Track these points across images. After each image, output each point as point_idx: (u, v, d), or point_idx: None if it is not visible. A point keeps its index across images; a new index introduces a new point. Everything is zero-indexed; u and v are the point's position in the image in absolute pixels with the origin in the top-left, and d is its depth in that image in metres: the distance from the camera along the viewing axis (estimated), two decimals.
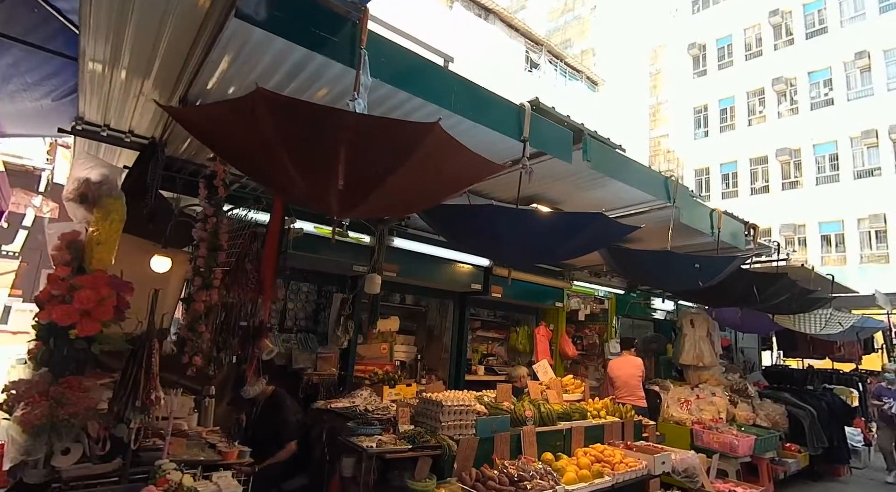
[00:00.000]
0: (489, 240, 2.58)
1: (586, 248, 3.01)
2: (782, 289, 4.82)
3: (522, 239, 2.50)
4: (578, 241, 2.53)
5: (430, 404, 3.86)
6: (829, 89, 21.60)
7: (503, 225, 2.41)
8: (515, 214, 2.39)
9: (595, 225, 2.43)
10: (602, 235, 2.74)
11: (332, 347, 4.95)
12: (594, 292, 7.99)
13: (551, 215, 2.44)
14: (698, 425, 6.03)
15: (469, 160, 1.86)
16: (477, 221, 2.43)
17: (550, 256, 2.64)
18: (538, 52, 18.52)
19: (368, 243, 4.79)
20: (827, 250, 20.67)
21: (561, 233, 2.48)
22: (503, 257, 3.13)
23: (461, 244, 3.49)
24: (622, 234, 2.95)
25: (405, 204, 2.11)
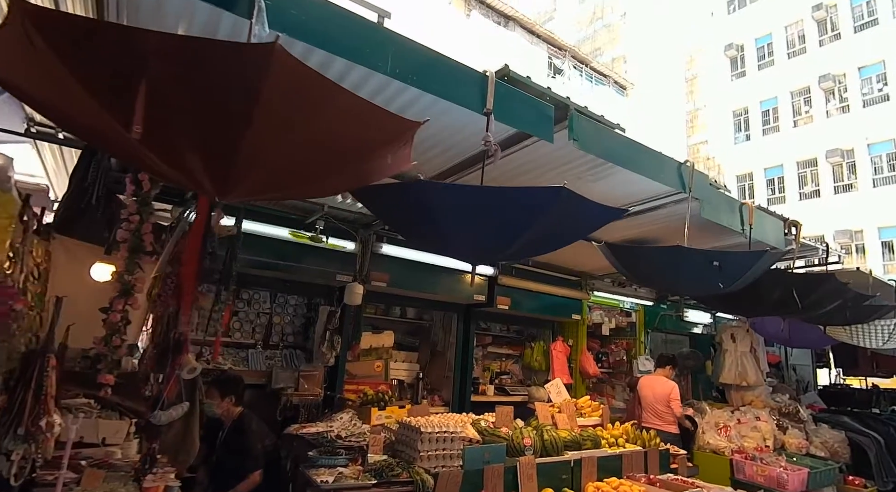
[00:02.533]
0: (432, 227, 2.11)
1: (557, 238, 2.48)
2: (830, 294, 4.07)
3: (469, 225, 2.02)
4: (543, 227, 2.03)
5: (409, 430, 3.37)
6: (882, 84, 20.14)
7: (441, 207, 1.94)
8: (453, 192, 1.91)
9: (559, 204, 1.92)
10: (574, 221, 2.22)
11: (318, 364, 4.56)
12: (619, 304, 7.31)
13: (499, 191, 1.97)
14: (739, 454, 5.24)
15: (370, 116, 1.43)
16: (409, 202, 1.97)
17: (509, 247, 2.14)
18: (562, 58, 18.02)
19: (353, 251, 4.39)
20: (889, 258, 18.99)
21: (517, 216, 1.98)
22: (452, 250, 2.66)
23: (409, 236, 3.02)
24: (601, 218, 2.39)
25: (304, 180, 1.68)
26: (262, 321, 4.82)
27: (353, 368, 5.00)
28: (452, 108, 2.54)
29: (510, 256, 2.72)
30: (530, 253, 2.80)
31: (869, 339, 6.00)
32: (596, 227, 2.49)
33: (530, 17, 16.64)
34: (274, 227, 4.01)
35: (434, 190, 1.79)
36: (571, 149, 2.94)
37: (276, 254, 4.24)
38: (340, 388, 4.69)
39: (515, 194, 1.95)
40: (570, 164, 3.26)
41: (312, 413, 4.34)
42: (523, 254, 2.73)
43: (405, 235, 3.05)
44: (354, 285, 4.13)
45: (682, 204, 3.68)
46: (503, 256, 2.47)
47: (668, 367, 5.96)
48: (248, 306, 4.77)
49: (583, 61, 19.24)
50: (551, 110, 2.58)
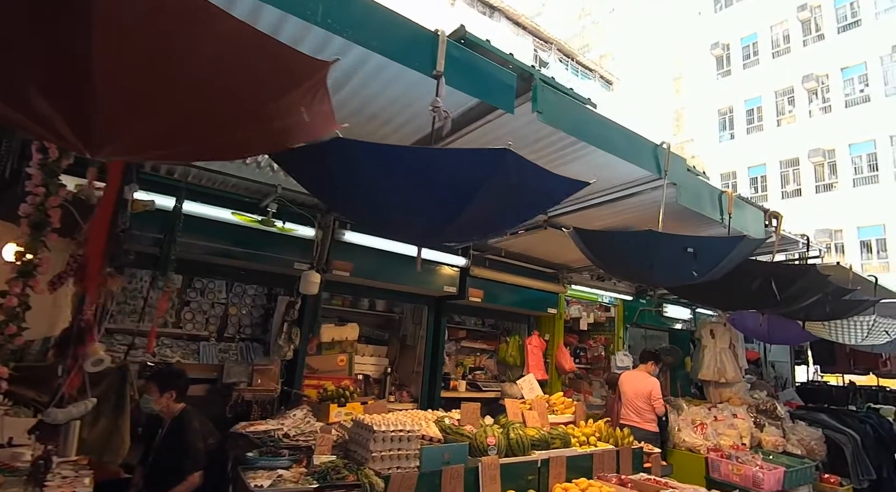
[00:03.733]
0: (363, 200, 1.84)
1: (509, 214, 2.21)
2: (810, 287, 3.90)
3: (403, 196, 1.77)
4: (490, 199, 1.79)
5: (362, 428, 3.13)
6: (864, 85, 20.32)
7: (370, 175, 1.68)
8: (378, 153, 1.65)
9: (505, 170, 1.66)
10: (527, 194, 1.95)
11: (275, 358, 4.28)
12: (597, 298, 7.14)
13: (431, 152, 1.71)
14: (715, 452, 5.09)
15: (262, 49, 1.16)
16: (333, 167, 1.70)
17: (451, 222, 1.87)
18: (547, 51, 17.81)
19: (313, 237, 4.11)
20: (867, 257, 19.20)
21: (457, 184, 1.72)
22: (389, 227, 2.40)
23: (343, 212, 2.72)
24: (559, 191, 2.13)
25: (198, 135, 1.41)
26: (217, 312, 4.53)
27: (314, 362, 4.73)
28: (403, 75, 2.29)
29: (456, 236, 2.47)
30: (480, 232, 2.55)
31: (847, 335, 5.90)
32: (554, 201, 2.25)
33: (520, 12, 16.40)
34: (222, 209, 3.71)
35: (357, 150, 1.53)
36: (539, 125, 2.71)
37: (230, 240, 3.95)
38: (299, 383, 4.42)
39: (451, 157, 1.70)
40: (538, 143, 3.02)
41: (266, 410, 4.07)
42: (472, 233, 2.48)
43: (340, 212, 2.78)
44: (310, 274, 3.86)
45: (660, 191, 3.47)
46: (447, 235, 2.22)
47: (650, 362, 5.80)
48: (202, 296, 4.47)
49: (569, 55, 19.05)
50: (513, 78, 2.34)
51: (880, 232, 18.89)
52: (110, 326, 3.86)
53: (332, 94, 2.52)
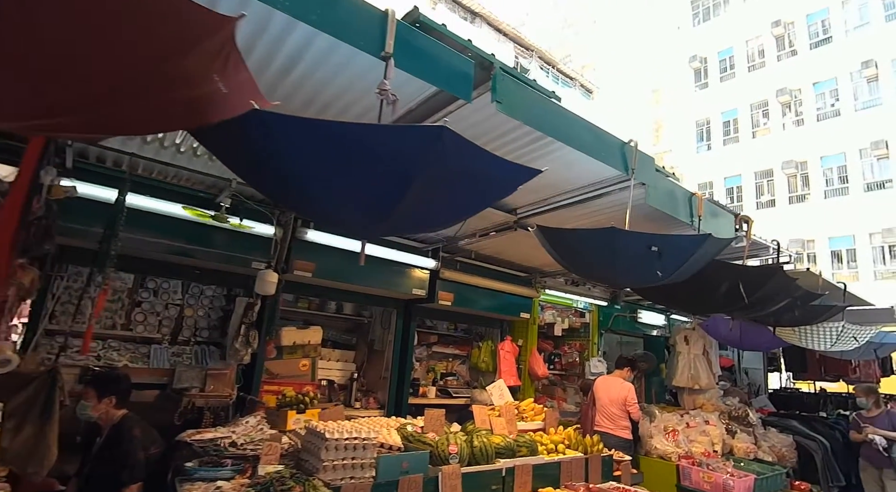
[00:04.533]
0: (294, 183, 1.67)
1: (456, 204, 2.06)
2: (778, 290, 3.87)
3: (335, 179, 1.62)
4: (431, 185, 1.65)
5: (314, 436, 2.95)
6: (835, 100, 20.90)
7: (297, 156, 1.52)
8: (302, 129, 1.49)
9: (444, 152, 1.52)
10: (473, 181, 1.82)
11: (231, 362, 4.07)
12: (572, 304, 7.07)
13: (361, 128, 1.57)
14: (686, 460, 5.02)
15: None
16: (257, 146, 1.54)
17: (390, 211, 1.71)
18: (528, 58, 17.91)
19: (273, 235, 3.93)
20: (838, 267, 19.63)
21: (393, 168, 1.58)
22: (324, 215, 2.24)
23: (274, 198, 2.52)
24: (508, 178, 1.98)
25: (87, 101, 1.25)
26: (172, 314, 4.30)
27: (274, 366, 4.53)
28: (354, 59, 2.17)
29: (401, 227, 2.32)
30: (427, 224, 2.39)
31: (817, 341, 5.92)
32: (505, 190, 2.12)
33: (499, 17, 16.47)
34: (172, 203, 3.52)
35: (277, 125, 1.39)
36: (503, 119, 2.61)
37: (183, 237, 3.74)
38: (257, 389, 4.22)
39: (382, 134, 1.55)
40: (503, 137, 2.92)
41: (220, 417, 3.86)
42: (418, 224, 2.33)
43: (274, 199, 2.60)
44: (267, 273, 3.68)
45: (627, 191, 3.41)
46: (391, 225, 2.07)
47: (626, 369, 5.71)
48: (155, 297, 4.24)
49: (550, 63, 19.19)
50: (471, 66, 2.23)
51: (850, 242, 19.35)
52: (52, 327, 3.63)
53: (279, 79, 2.41)
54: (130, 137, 2.88)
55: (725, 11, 25.16)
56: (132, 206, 3.42)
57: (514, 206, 4.06)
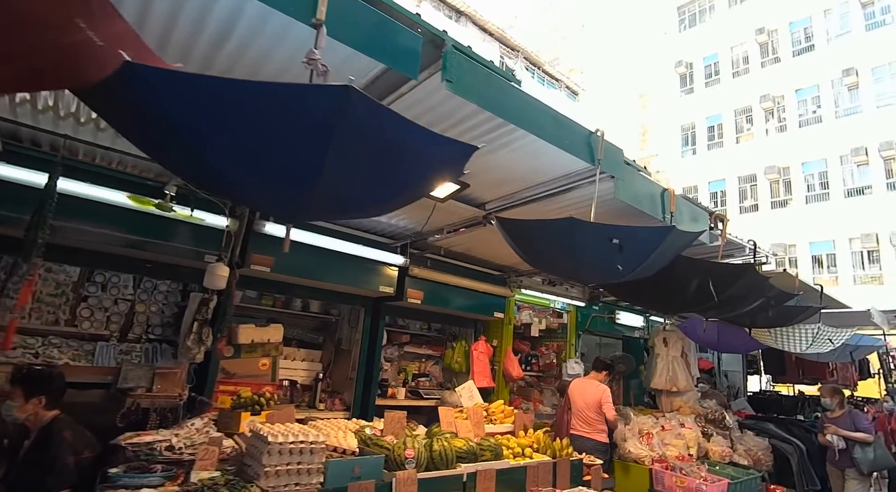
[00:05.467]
0: (182, 148, 1.47)
1: (384, 183, 1.85)
2: (750, 289, 3.76)
3: (242, 152, 1.41)
4: (349, 158, 1.48)
5: (257, 439, 2.76)
6: (817, 107, 21.16)
7: (181, 115, 1.33)
8: (182, 85, 1.29)
9: (356, 118, 1.34)
10: (398, 156, 1.61)
11: (182, 360, 3.86)
12: (549, 304, 6.94)
13: (253, 87, 1.38)
14: (660, 463, 4.91)
15: None
16: (141, 107, 1.35)
17: (306, 189, 1.55)
18: (514, 58, 17.84)
19: (226, 228, 3.73)
20: (819, 271, 19.82)
21: (301, 137, 1.39)
22: (239, 193, 2.01)
23: (169, 167, 2.25)
24: (440, 154, 1.79)
25: None
26: (121, 310, 4.07)
27: (232, 366, 4.32)
28: (291, 29, 2.00)
29: (326, 209, 2.07)
30: (355, 206, 2.17)
31: (792, 343, 5.86)
32: (439, 167, 1.93)
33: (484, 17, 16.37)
34: (116, 191, 3.31)
35: (159, 82, 1.20)
36: (460, 102, 2.46)
37: (129, 227, 3.52)
38: (210, 389, 4.01)
39: (282, 94, 1.37)
40: (462, 123, 2.76)
41: (167, 419, 3.64)
42: (344, 206, 2.10)
43: (181, 175, 2.39)
44: (217, 266, 3.47)
45: (599, 185, 3.28)
46: (313, 207, 1.87)
47: (603, 372, 5.55)
48: (103, 291, 4.02)
49: (535, 64, 19.14)
50: (418, 41, 2.07)
51: (830, 247, 19.57)
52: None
53: (214, 50, 2.22)
54: (62, 117, 2.67)
55: (711, 18, 25.41)
56: (73, 193, 3.23)
57: (483, 200, 3.91)
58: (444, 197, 3.51)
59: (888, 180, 18.49)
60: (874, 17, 20.23)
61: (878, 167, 18.74)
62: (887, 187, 18.44)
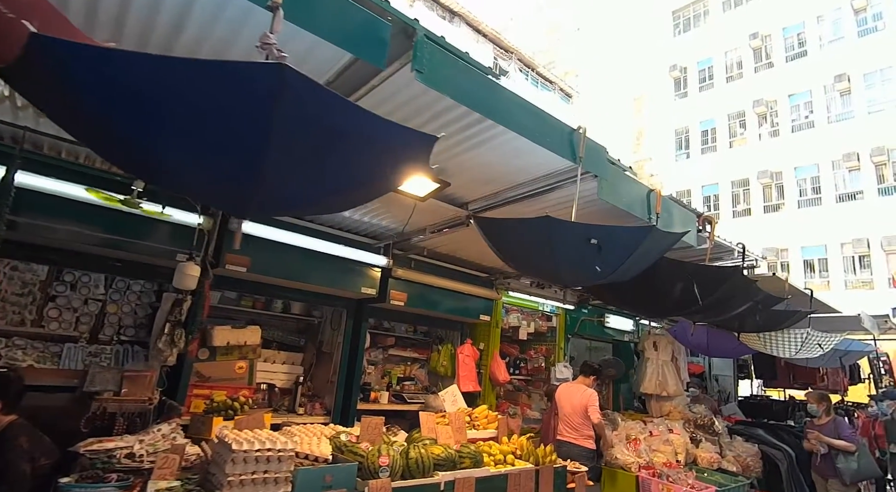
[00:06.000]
0: (109, 132, 1.37)
1: (341, 175, 1.73)
2: (737, 292, 3.68)
3: (181, 134, 1.30)
4: (299, 149, 1.37)
5: (221, 447, 2.64)
6: (809, 112, 21.24)
7: (100, 94, 1.22)
8: (109, 62, 1.17)
9: (297, 101, 1.22)
10: (347, 139, 1.51)
11: (153, 363, 3.73)
12: (538, 307, 6.84)
13: (183, 63, 1.28)
14: (647, 470, 4.81)
15: None
16: (63, 88, 1.22)
17: (250, 177, 1.46)
18: (507, 60, 17.78)
19: (200, 226, 3.61)
20: (811, 276, 19.86)
21: (233, 119, 1.29)
22: (160, 177, 1.84)
23: (103, 153, 2.11)
24: (394, 141, 1.64)
25: None
26: (92, 310, 3.93)
27: (206, 369, 4.19)
28: (252, 15, 1.90)
29: (278, 202, 1.93)
30: (311, 199, 2.01)
31: (781, 348, 5.78)
32: (404, 161, 1.80)
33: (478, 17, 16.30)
34: (75, 185, 3.18)
35: (76, 58, 1.09)
36: (435, 95, 2.36)
37: (101, 225, 3.40)
38: (183, 392, 3.88)
39: (213, 74, 1.26)
40: (439, 118, 2.67)
41: (135, 424, 3.50)
42: (298, 199, 1.94)
43: (115, 163, 2.25)
44: (187, 265, 3.35)
45: (582, 185, 3.18)
46: (263, 199, 1.75)
47: (591, 377, 5.41)
48: (73, 291, 3.88)
49: (529, 65, 19.10)
50: (386, 29, 1.97)
51: (822, 252, 19.61)
52: None
53: (172, 37, 2.12)
54: (19, 107, 2.55)
55: (705, 22, 25.51)
56: (37, 189, 3.11)
57: (466, 200, 3.81)
58: (425, 196, 3.41)
59: (879, 186, 18.56)
60: (866, 24, 20.35)
61: (870, 173, 18.81)
62: (878, 193, 18.50)
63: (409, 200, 3.55)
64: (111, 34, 1.99)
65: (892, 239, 17.47)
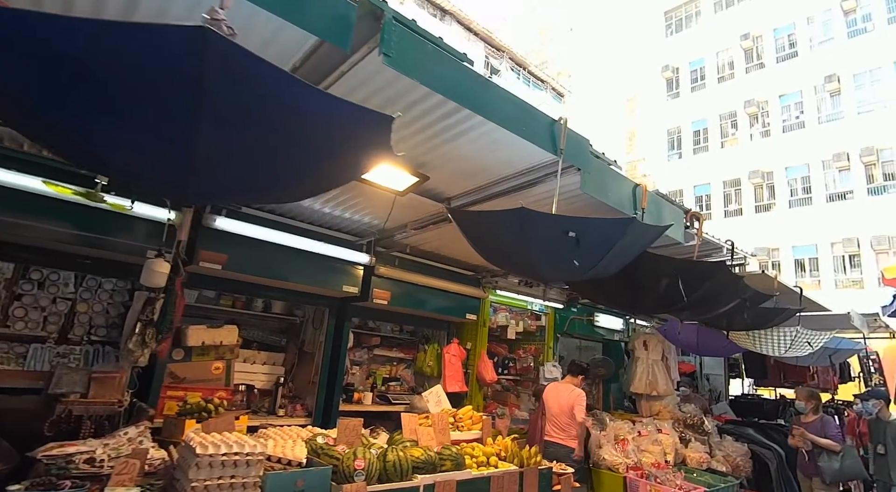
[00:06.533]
0: (26, 108, 1.26)
1: (289, 155, 1.60)
2: (723, 289, 3.60)
3: (107, 112, 1.20)
4: (233, 124, 1.27)
5: (186, 451, 2.53)
6: (800, 112, 21.34)
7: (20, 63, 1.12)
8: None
9: (223, 67, 1.13)
10: (288, 112, 1.38)
11: (124, 364, 3.60)
12: (527, 305, 6.75)
13: (94, 25, 1.17)
14: (635, 471, 4.73)
15: None
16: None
17: (183, 158, 1.36)
18: (499, 59, 17.71)
19: (170, 221, 3.48)
20: (801, 275, 19.92)
21: (161, 87, 1.18)
22: (97, 162, 1.75)
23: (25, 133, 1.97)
24: (343, 117, 1.50)
25: None
26: (61, 309, 3.79)
27: (181, 369, 4.06)
28: None
29: (221, 186, 1.83)
30: (257, 184, 1.94)
31: (770, 346, 5.72)
32: (355, 146, 1.70)
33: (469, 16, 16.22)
34: (36, 179, 3.05)
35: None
36: (410, 83, 2.25)
37: (68, 221, 3.28)
38: (155, 394, 3.75)
39: (128, 37, 1.15)
40: (414, 108, 2.56)
41: (103, 427, 3.37)
42: (242, 183, 1.86)
43: (32, 139, 2.12)
44: (156, 262, 3.22)
45: (566, 178, 3.09)
46: (204, 183, 1.64)
47: (578, 376, 5.31)
48: (40, 289, 3.73)
49: (521, 64, 19.04)
50: (351, 8, 1.86)
51: (813, 251, 19.69)
52: None
53: (122, 12, 2.00)
54: None
55: (697, 23, 25.59)
56: None
57: (447, 195, 3.71)
58: (404, 190, 3.31)
59: (869, 185, 18.66)
60: (856, 25, 20.48)
61: (859, 172, 18.92)
62: (868, 192, 18.61)
63: (389, 194, 3.45)
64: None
65: (881, 238, 17.57)
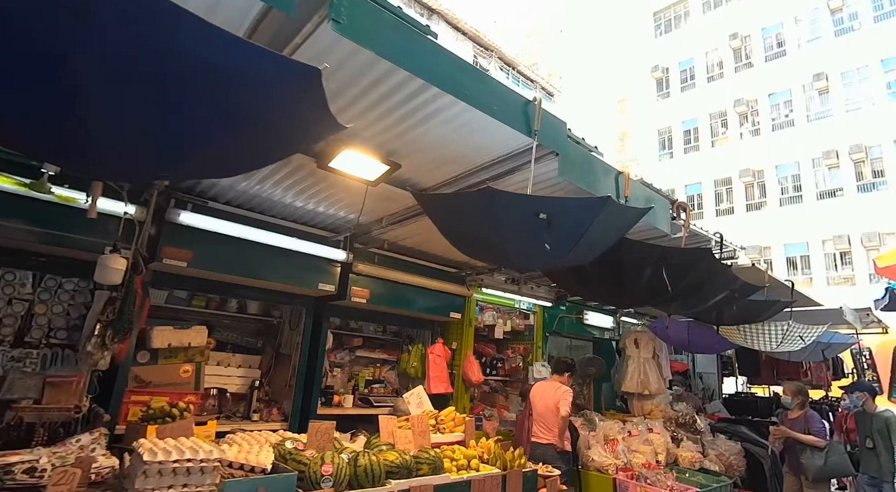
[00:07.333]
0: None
1: (230, 122, 1.44)
2: (710, 278, 3.46)
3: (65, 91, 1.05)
4: (170, 84, 1.11)
5: (134, 458, 2.34)
6: (789, 111, 21.42)
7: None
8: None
9: (136, 16, 1.00)
10: (225, 80, 1.20)
11: (82, 368, 3.40)
12: (514, 304, 6.59)
13: None
14: (625, 472, 4.57)
15: None
16: None
17: (111, 121, 1.21)
18: (488, 58, 17.62)
19: (127, 214, 3.30)
20: (793, 273, 19.91)
21: (73, 41, 1.02)
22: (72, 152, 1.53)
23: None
24: (276, 76, 1.30)
25: None
26: (17, 310, 3.59)
27: (146, 373, 3.86)
28: None
29: (119, 157, 1.65)
30: (167, 158, 1.71)
31: (762, 341, 5.60)
32: (285, 105, 1.53)
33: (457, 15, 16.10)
34: None
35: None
36: (370, 57, 2.10)
37: (16, 216, 3.09)
38: (117, 399, 3.55)
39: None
40: (378, 87, 2.41)
41: (58, 434, 3.17)
42: (146, 157, 1.69)
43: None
44: (110, 258, 3.03)
45: (545, 165, 2.94)
46: (103, 153, 1.46)
47: (565, 374, 5.14)
48: None
49: (510, 64, 18.96)
50: None
51: (804, 249, 19.70)
52: None
53: None
54: None
55: (686, 24, 25.68)
56: None
57: (423, 185, 3.54)
58: (375, 180, 3.16)
59: (858, 183, 18.72)
60: (843, 24, 20.60)
61: (849, 170, 18.97)
62: (857, 189, 18.66)
63: (361, 185, 3.29)
64: None
65: (871, 235, 17.59)
